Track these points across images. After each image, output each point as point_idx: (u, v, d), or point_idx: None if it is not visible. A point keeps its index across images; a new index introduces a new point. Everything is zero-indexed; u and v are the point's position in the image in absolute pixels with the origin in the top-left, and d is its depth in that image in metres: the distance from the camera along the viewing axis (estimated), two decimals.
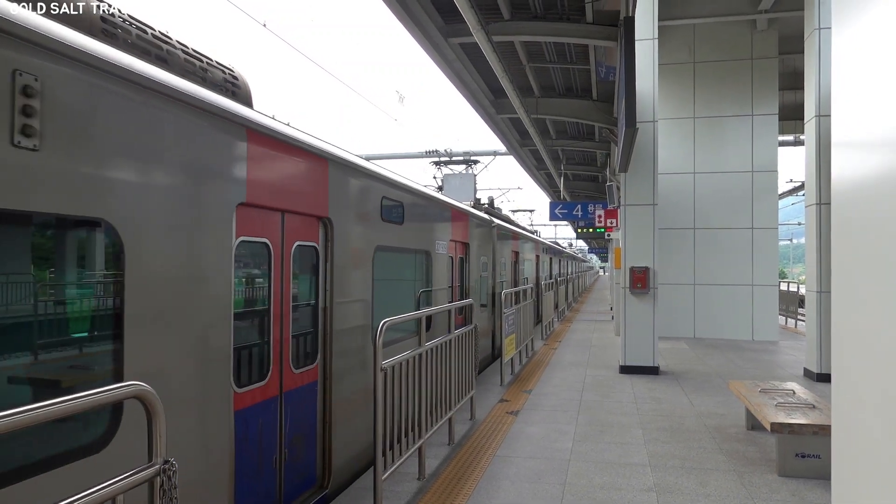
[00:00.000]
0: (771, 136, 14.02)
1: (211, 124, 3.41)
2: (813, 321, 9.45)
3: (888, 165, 1.42)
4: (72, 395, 1.70)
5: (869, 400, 1.54)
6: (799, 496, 4.65)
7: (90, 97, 2.64)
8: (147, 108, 2.94)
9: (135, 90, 2.87)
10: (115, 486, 1.83)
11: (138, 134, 2.89)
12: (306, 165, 4.50)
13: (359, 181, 5.45)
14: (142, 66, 2.97)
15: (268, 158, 3.99)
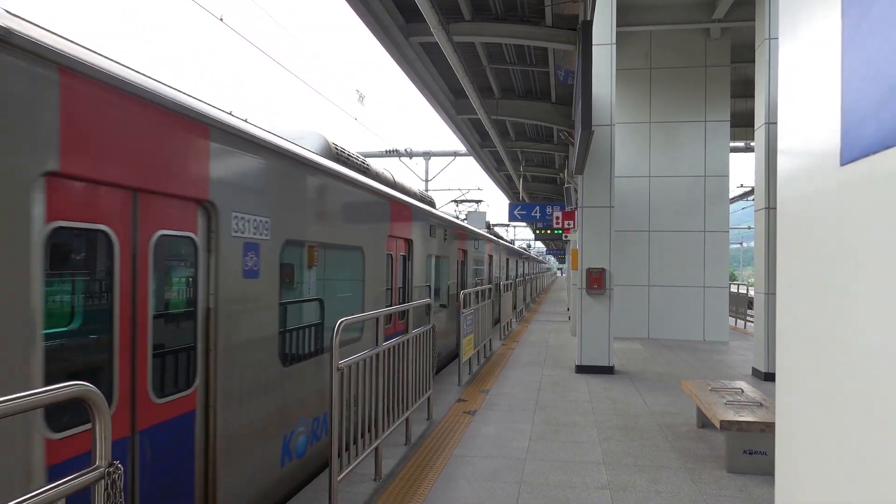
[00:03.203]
0: (723, 141, 14.43)
1: None
2: (761, 322, 9.75)
3: (827, 172, 1.47)
4: (12, 395, 1.65)
5: (809, 398, 1.58)
6: (746, 492, 4.79)
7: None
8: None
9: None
10: (57, 490, 1.77)
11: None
12: (176, 131, 3.49)
13: (274, 160, 4.59)
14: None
15: (100, 111, 2.94)
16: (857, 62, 1.27)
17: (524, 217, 19.14)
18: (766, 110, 9.50)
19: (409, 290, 8.57)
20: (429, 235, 9.46)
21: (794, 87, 1.68)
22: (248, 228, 4.28)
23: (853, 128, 1.28)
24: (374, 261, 6.95)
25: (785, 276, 1.78)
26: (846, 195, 1.32)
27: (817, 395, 1.49)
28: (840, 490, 1.36)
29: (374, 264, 6.95)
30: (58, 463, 2.74)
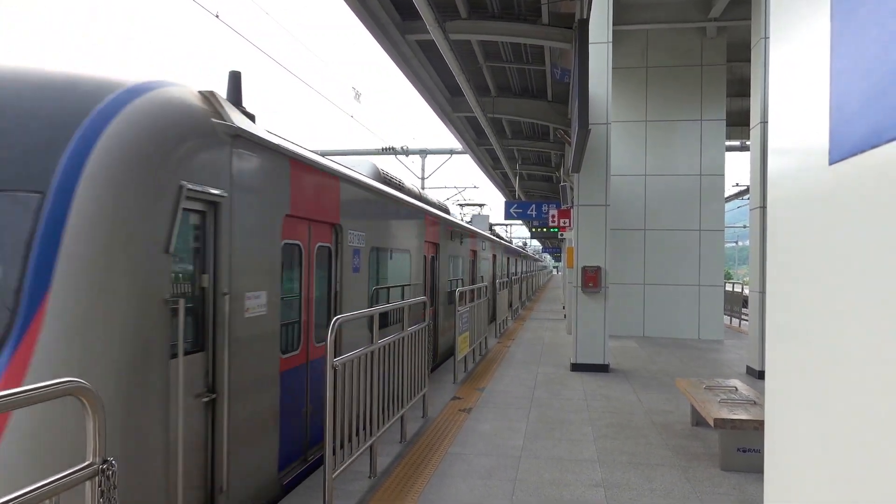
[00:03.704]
0: (718, 140, 14.46)
1: None
2: (755, 321, 9.79)
3: (816, 171, 1.48)
4: (7, 391, 1.66)
5: (798, 397, 1.58)
6: (739, 489, 4.81)
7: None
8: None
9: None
10: (51, 487, 1.77)
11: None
12: (325, 183, 5.67)
13: (363, 192, 6.72)
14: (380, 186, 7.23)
15: (301, 179, 5.16)
16: (846, 61, 1.28)
17: (520, 215, 19.15)
18: (761, 109, 9.53)
19: (437, 284, 10.74)
20: (449, 239, 11.66)
21: (785, 87, 1.69)
22: (355, 240, 6.42)
23: (841, 127, 1.28)
24: (416, 260, 9.13)
25: (775, 276, 1.78)
26: (835, 194, 1.33)
27: (806, 394, 1.50)
28: (829, 488, 1.36)
29: (416, 263, 9.13)
30: (282, 371, 4.86)
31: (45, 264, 2.92)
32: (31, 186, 3.02)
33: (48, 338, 2.85)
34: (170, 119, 3.51)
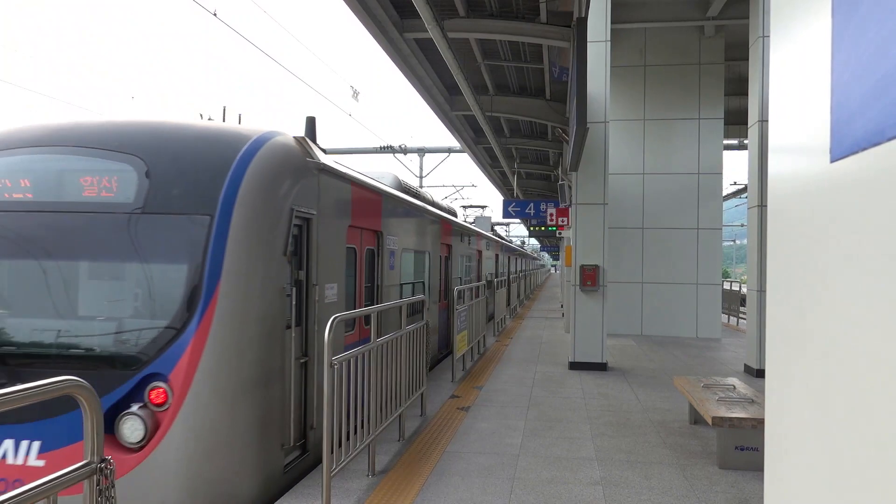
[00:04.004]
0: (716, 139, 14.47)
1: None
2: (753, 319, 9.80)
3: (817, 169, 1.47)
4: (9, 389, 1.67)
5: (798, 395, 1.58)
6: (737, 487, 4.81)
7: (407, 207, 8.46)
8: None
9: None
10: (50, 485, 1.78)
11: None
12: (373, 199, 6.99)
13: (396, 204, 7.95)
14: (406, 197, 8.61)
15: (357, 196, 6.47)
16: (846, 59, 1.28)
17: (518, 213, 19.15)
18: (759, 108, 9.53)
19: (450, 281, 12.19)
20: (459, 241, 13.11)
21: (786, 85, 1.69)
22: (391, 243, 7.73)
23: (842, 125, 1.29)
24: (434, 260, 10.53)
25: (775, 274, 1.78)
26: (836, 192, 1.33)
27: (806, 392, 1.50)
28: (829, 485, 1.36)
29: (434, 262, 10.53)
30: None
31: (216, 263, 4.28)
32: (203, 211, 4.39)
33: (220, 310, 4.21)
34: (283, 161, 4.91)
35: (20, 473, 3.89)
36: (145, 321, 4.18)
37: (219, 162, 4.55)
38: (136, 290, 4.25)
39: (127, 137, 4.62)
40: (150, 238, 4.32)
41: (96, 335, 4.17)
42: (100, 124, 4.81)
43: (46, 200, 4.45)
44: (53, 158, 4.55)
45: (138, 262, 4.29)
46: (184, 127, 4.83)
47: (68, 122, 4.88)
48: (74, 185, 4.48)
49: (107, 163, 4.50)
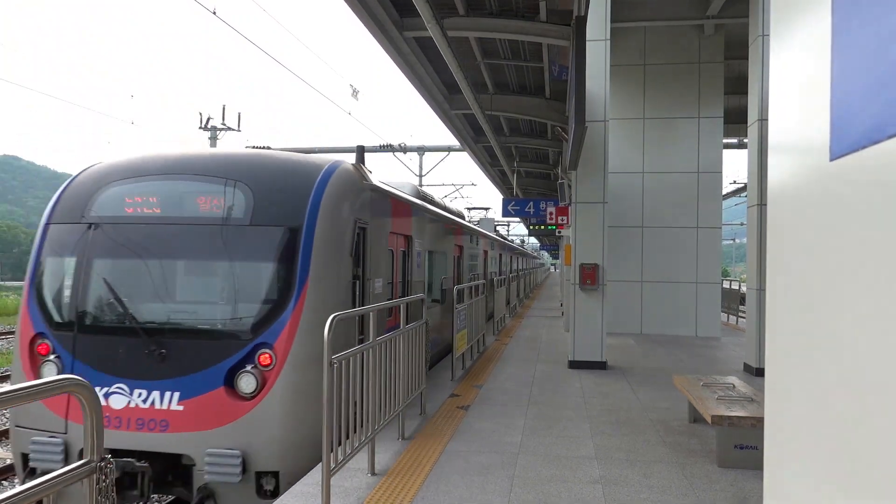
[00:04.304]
0: (716, 138, 14.46)
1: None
2: (753, 318, 9.80)
3: (817, 167, 1.46)
4: (9, 387, 1.68)
5: (798, 394, 1.57)
6: (737, 486, 4.82)
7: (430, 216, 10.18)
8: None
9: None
10: (50, 483, 1.78)
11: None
12: (406, 209, 8.49)
13: (421, 212, 9.41)
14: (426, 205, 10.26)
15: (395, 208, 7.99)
16: (847, 56, 1.27)
17: (518, 212, 19.15)
18: (759, 107, 9.53)
19: (461, 277, 13.84)
20: (468, 242, 14.66)
21: (785, 83, 1.67)
22: (418, 245, 9.12)
23: (842, 122, 1.28)
24: (449, 259, 12.08)
25: (774, 272, 1.76)
26: (835, 190, 1.32)
27: (806, 391, 1.49)
28: (829, 485, 1.36)
29: (449, 261, 12.08)
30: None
31: (305, 263, 5.66)
32: (294, 224, 5.77)
33: (309, 296, 5.58)
34: (347, 184, 6.36)
35: (167, 416, 5.31)
36: (255, 305, 5.59)
37: (303, 186, 6.00)
38: (247, 282, 5.68)
39: (232, 167, 6.06)
40: (256, 243, 5.72)
41: (219, 315, 5.65)
42: (210, 156, 6.32)
43: (171, 215, 5.87)
44: (176, 184, 5.98)
45: (248, 262, 5.70)
46: (273, 157, 6.40)
47: (185, 154, 6.35)
48: (192, 204, 5.87)
49: (218, 187, 5.91)
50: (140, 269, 5.78)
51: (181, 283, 5.86)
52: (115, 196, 6.02)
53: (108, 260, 5.86)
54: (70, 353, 5.62)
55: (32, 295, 5.93)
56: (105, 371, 5.45)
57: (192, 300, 5.77)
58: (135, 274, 5.79)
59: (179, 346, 5.45)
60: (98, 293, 5.78)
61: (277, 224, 5.77)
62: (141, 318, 5.59)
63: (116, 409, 5.36)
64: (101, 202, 6.03)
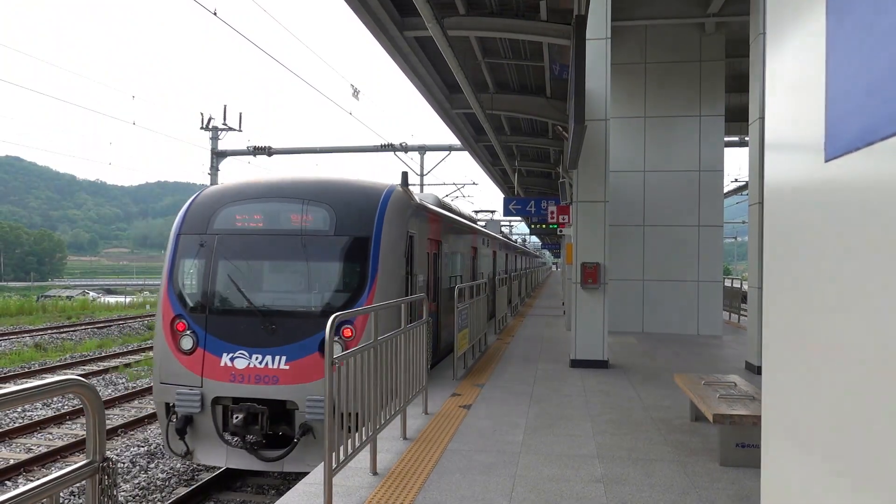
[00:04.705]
0: (717, 136, 14.45)
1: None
2: (754, 316, 9.79)
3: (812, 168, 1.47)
4: (11, 388, 1.69)
5: (795, 392, 1.59)
6: (738, 484, 4.82)
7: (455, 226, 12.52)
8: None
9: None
10: (52, 484, 1.78)
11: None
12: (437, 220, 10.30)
13: (446, 219, 11.24)
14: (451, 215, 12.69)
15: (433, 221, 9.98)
16: (841, 58, 1.28)
17: (519, 211, 19.17)
18: (760, 105, 9.52)
19: (476, 275, 15.63)
20: (480, 244, 16.51)
21: (781, 83, 1.69)
22: (444, 248, 10.85)
23: (837, 124, 1.29)
24: (466, 259, 13.93)
25: (772, 272, 1.78)
26: (830, 191, 1.34)
27: (803, 389, 1.51)
28: (826, 483, 1.37)
29: (466, 260, 13.93)
30: (430, 310, 9.30)
31: (374, 263, 7.44)
32: (365, 234, 7.58)
33: (378, 287, 7.34)
34: (401, 203, 8.17)
35: (277, 373, 7.04)
36: (341, 293, 7.57)
37: (370, 206, 7.84)
38: (334, 277, 7.72)
39: (319, 192, 7.94)
40: (339, 248, 7.66)
41: (314, 301, 7.53)
42: (299, 182, 8.22)
43: (269, 229, 7.76)
44: (274, 205, 7.89)
45: (333, 262, 7.69)
46: (346, 183, 8.34)
47: (278, 180, 8.34)
48: (287, 219, 7.76)
49: (308, 207, 7.78)
50: (252, 267, 7.83)
51: (284, 278, 7.87)
52: (229, 214, 7.91)
53: (228, 261, 7.73)
54: (203, 328, 7.46)
55: (171, 287, 7.78)
56: (230, 341, 7.30)
57: (292, 290, 7.70)
58: (248, 271, 7.79)
59: (285, 323, 7.24)
60: (222, 285, 7.67)
61: (354, 234, 7.66)
62: (256, 302, 7.47)
63: (240, 368, 7.17)
64: (219, 218, 7.91)
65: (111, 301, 42.95)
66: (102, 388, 13.78)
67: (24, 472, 8.30)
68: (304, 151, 27.58)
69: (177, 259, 7.91)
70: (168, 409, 7.46)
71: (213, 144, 27.73)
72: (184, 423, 7.21)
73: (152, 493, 7.71)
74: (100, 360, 17.33)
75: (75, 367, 16.17)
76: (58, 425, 10.80)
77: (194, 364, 7.34)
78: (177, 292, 7.74)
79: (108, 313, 31.78)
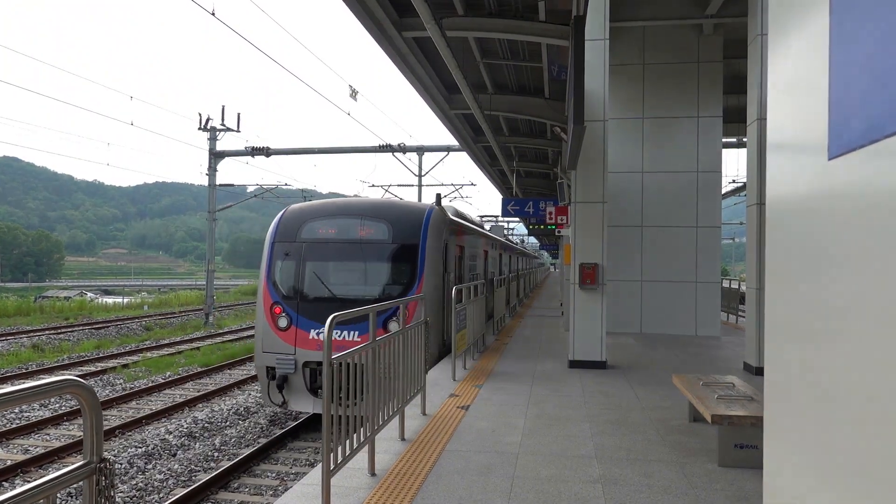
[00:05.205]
0: (715, 137, 14.45)
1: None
2: (752, 317, 9.79)
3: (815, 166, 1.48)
4: (9, 389, 1.68)
5: (797, 393, 1.59)
6: (736, 485, 4.81)
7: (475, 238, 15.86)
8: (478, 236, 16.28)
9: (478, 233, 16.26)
10: (49, 485, 1.78)
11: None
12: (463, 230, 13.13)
13: (466, 228, 13.80)
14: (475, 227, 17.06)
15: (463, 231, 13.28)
16: (845, 56, 1.29)
17: (517, 212, 19.16)
18: (758, 106, 9.53)
19: (487, 273, 18.20)
20: (490, 247, 19.19)
21: (783, 82, 1.70)
22: (468, 251, 14.07)
23: (840, 122, 1.30)
24: (481, 260, 16.59)
25: (774, 271, 1.78)
26: (834, 189, 1.34)
27: (806, 389, 1.51)
28: (827, 483, 1.37)
29: (481, 261, 16.57)
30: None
31: (421, 264, 10.20)
32: (414, 242, 10.30)
33: (425, 283, 10.13)
34: (440, 219, 10.79)
35: (350, 344, 8.71)
36: (397, 285, 10.13)
37: (417, 220, 10.47)
38: (392, 274, 10.28)
39: (379, 211, 10.63)
40: (395, 253, 10.28)
41: (378, 291, 10.09)
42: (365, 203, 11.20)
43: (343, 238, 10.39)
44: (345, 220, 10.50)
45: (391, 263, 10.31)
46: (399, 204, 11.27)
47: (348, 202, 11.19)
48: (356, 231, 10.38)
49: (371, 222, 10.39)
50: (331, 266, 10.43)
51: (354, 274, 10.39)
52: (313, 227, 10.56)
53: (313, 262, 10.35)
54: (295, 311, 10.01)
55: (269, 280, 10.34)
56: (316, 320, 9.74)
57: (361, 283, 10.30)
58: (328, 269, 10.41)
59: (356, 307, 9.21)
60: (309, 279, 10.29)
61: (406, 242, 10.27)
62: (335, 292, 10.20)
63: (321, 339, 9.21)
64: (304, 230, 10.55)
65: (109, 302, 42.85)
66: (100, 389, 13.77)
67: (21, 473, 8.29)
68: (302, 152, 27.55)
69: (273, 260, 10.47)
70: (268, 372, 9.97)
71: (212, 145, 27.66)
72: (282, 380, 9.73)
73: (150, 495, 7.70)
74: (97, 360, 17.32)
75: (73, 368, 16.15)
76: (55, 426, 10.78)
77: (289, 337, 9.94)
78: (274, 285, 10.33)
79: (106, 314, 31.71)
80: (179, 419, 11.27)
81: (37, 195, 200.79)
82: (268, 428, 10.70)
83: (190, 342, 21.70)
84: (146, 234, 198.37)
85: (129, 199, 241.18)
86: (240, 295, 52.11)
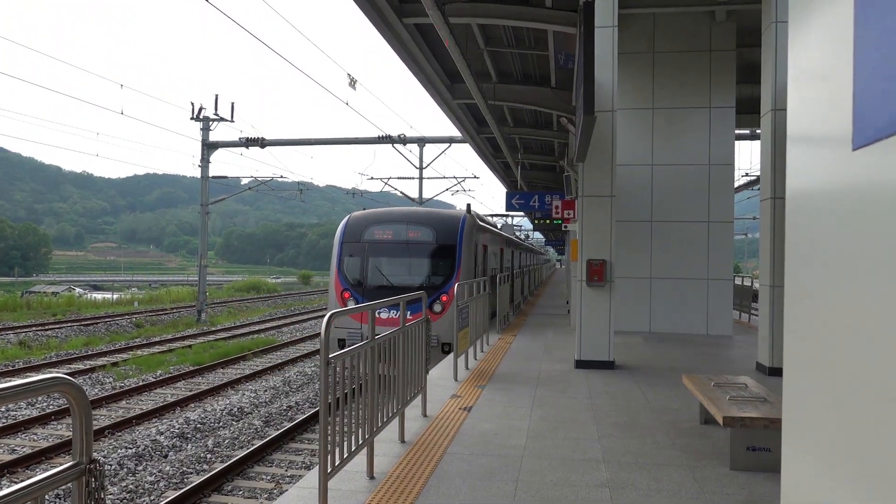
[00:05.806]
0: (728, 129, 14.13)
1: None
2: (766, 316, 9.54)
3: (839, 157, 1.44)
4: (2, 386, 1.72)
5: (818, 394, 1.56)
6: (748, 489, 4.64)
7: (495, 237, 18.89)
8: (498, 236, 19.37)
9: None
10: (37, 486, 1.75)
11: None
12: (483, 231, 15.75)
13: (485, 228, 16.27)
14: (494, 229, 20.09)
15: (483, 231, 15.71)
16: (869, 45, 1.27)
17: (522, 206, 18.99)
18: (772, 96, 9.25)
19: (503, 268, 20.32)
20: (504, 244, 21.16)
21: (805, 72, 1.69)
22: (489, 249, 16.96)
23: (865, 112, 1.28)
24: (498, 256, 18.90)
25: (794, 267, 1.75)
26: (858, 181, 1.33)
27: (826, 390, 1.49)
28: (848, 487, 1.34)
29: (497, 257, 18.84)
30: None
31: (458, 260, 13.34)
32: (452, 242, 13.72)
33: (462, 275, 13.10)
34: (472, 224, 14.06)
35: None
36: (439, 276, 13.20)
37: (455, 225, 13.46)
38: (435, 267, 13.36)
39: (426, 218, 13.73)
40: (438, 251, 13.35)
41: (425, 281, 13.16)
42: (414, 212, 14.34)
43: (397, 239, 13.44)
44: (399, 226, 13.54)
45: (434, 259, 13.38)
46: (441, 212, 14.23)
47: (401, 210, 14.41)
48: (407, 233, 13.42)
49: (419, 227, 13.49)
50: (389, 261, 13.37)
51: (407, 268, 13.28)
52: (373, 230, 13.55)
53: (375, 257, 13.31)
54: (361, 296, 12.84)
55: (340, 272, 13.33)
56: None
57: (412, 274, 13.18)
58: (387, 263, 13.35)
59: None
60: (372, 271, 13.24)
61: (446, 243, 13.23)
62: (392, 281, 13.08)
63: (383, 318, 11.25)
64: (367, 232, 13.53)
65: (98, 297, 42.65)
66: (89, 388, 13.69)
67: (7, 474, 8.18)
68: (298, 143, 27.29)
69: (342, 256, 13.50)
70: (339, 343, 12.17)
71: (204, 135, 27.44)
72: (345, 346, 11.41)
73: (140, 497, 7.57)
74: (86, 358, 17.21)
75: (61, 366, 16.08)
76: (43, 426, 10.66)
77: (356, 316, 12.02)
78: (343, 276, 13.31)
79: (95, 310, 31.57)
80: (171, 419, 11.03)
81: (23, 187, 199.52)
82: (262, 429, 10.56)
83: (182, 340, 21.47)
84: (136, 227, 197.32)
85: (119, 191, 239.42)
86: (233, 291, 51.61)
